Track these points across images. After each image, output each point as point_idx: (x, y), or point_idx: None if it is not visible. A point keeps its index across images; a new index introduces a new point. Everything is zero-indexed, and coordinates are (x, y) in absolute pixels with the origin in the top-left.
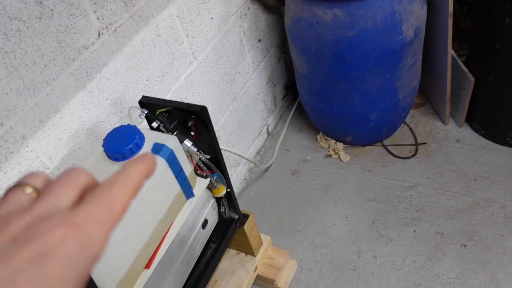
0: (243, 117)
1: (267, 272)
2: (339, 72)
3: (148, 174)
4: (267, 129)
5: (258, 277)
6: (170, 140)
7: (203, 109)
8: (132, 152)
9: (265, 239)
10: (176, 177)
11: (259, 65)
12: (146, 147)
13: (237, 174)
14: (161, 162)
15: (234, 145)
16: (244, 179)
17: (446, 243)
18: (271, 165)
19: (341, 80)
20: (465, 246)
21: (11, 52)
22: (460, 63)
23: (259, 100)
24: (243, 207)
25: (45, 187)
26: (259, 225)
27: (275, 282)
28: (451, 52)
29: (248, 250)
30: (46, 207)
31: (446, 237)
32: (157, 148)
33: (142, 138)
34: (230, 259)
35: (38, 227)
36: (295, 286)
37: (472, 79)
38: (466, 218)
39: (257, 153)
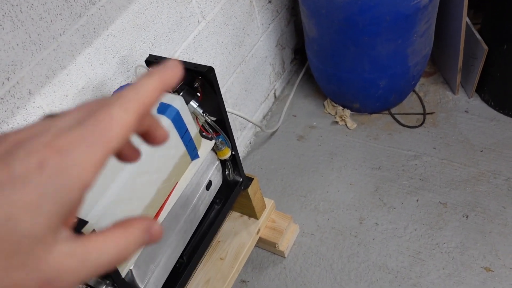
0: (251, 80)
1: (269, 235)
2: (349, 36)
3: (164, 87)
4: (274, 93)
5: (260, 240)
6: (176, 100)
7: (210, 69)
8: None
9: (269, 202)
10: (182, 137)
11: (268, 27)
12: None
13: (242, 138)
14: (166, 122)
15: (241, 108)
16: (250, 143)
17: (448, 213)
18: (277, 129)
19: (351, 44)
20: (467, 216)
21: (17, 5)
22: (475, 31)
23: (267, 64)
24: (248, 170)
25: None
26: (263, 189)
27: (276, 245)
28: (466, 19)
29: (251, 213)
30: (40, 128)
31: (448, 207)
32: (163, 108)
33: None
34: (233, 221)
35: (17, 149)
36: (296, 249)
37: (485, 47)
38: (470, 189)
39: (264, 117)
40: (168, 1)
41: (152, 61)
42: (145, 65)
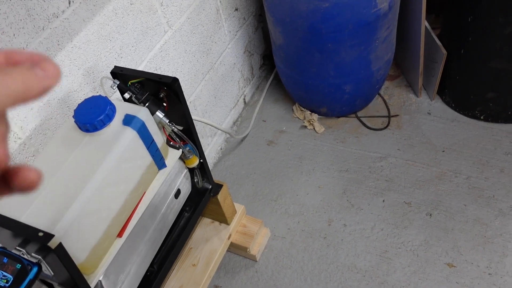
0: (220, 87)
1: (240, 240)
2: (314, 44)
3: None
4: (244, 99)
5: (232, 245)
6: (141, 112)
7: (174, 80)
8: (103, 123)
9: (239, 208)
10: (148, 148)
11: (236, 35)
12: (117, 118)
13: (213, 144)
14: (132, 134)
15: (211, 115)
16: (221, 149)
17: (413, 212)
18: (247, 135)
19: (316, 51)
20: (430, 215)
21: None
22: (434, 36)
23: (236, 70)
24: (219, 176)
25: None
26: (234, 194)
27: (248, 249)
28: (425, 24)
29: (222, 218)
30: None
31: (413, 207)
32: (128, 120)
33: (113, 109)
34: (205, 227)
35: None
36: (267, 253)
37: (444, 52)
38: (433, 188)
39: (234, 123)
40: (133, 11)
41: (118, 72)
42: (111, 77)
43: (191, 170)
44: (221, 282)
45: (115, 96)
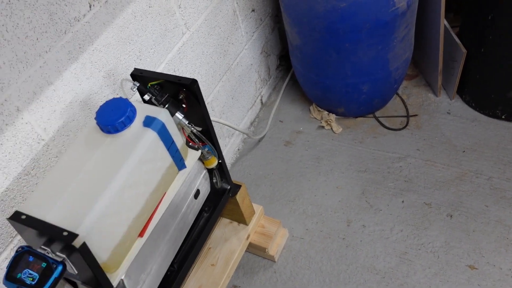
0: (237, 87)
1: (259, 240)
2: (331, 44)
3: None
4: (261, 99)
5: (250, 245)
6: (161, 113)
7: (193, 82)
8: (124, 125)
9: (257, 208)
10: (168, 149)
11: (252, 35)
12: (138, 120)
13: (231, 145)
14: (152, 135)
15: (228, 116)
16: (238, 149)
17: (433, 213)
18: (264, 136)
19: (333, 51)
20: (451, 216)
21: (2, 25)
22: (453, 35)
23: (253, 71)
24: (237, 176)
25: None
26: (252, 194)
27: (266, 250)
28: (444, 23)
29: (241, 219)
30: None
31: (433, 207)
32: (149, 121)
33: (133, 111)
34: (223, 227)
35: None
36: (286, 254)
37: (464, 50)
38: (453, 189)
39: (251, 123)
40: (151, 14)
41: (138, 74)
42: (131, 79)
43: (210, 171)
44: (240, 282)
45: (134, 98)
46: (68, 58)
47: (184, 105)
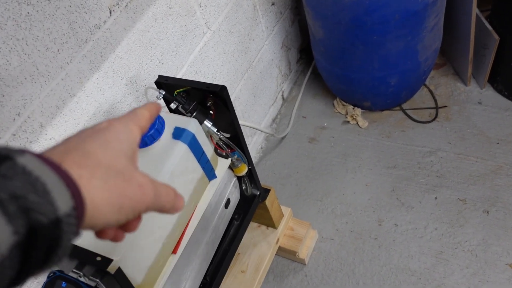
0: (258, 85)
1: (289, 244)
2: (357, 37)
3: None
4: (282, 95)
5: (280, 249)
6: (191, 124)
7: (223, 89)
8: (153, 138)
9: (286, 211)
10: (198, 160)
11: (273, 30)
12: (167, 132)
13: (253, 143)
14: (183, 148)
15: (250, 114)
16: (261, 148)
17: (468, 210)
18: (287, 133)
19: (359, 44)
20: (487, 212)
21: (22, 39)
22: (484, 21)
23: (274, 66)
24: (261, 176)
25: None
26: (278, 195)
27: (297, 253)
28: (475, 9)
29: (269, 223)
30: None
31: (468, 204)
32: (178, 133)
33: (162, 123)
34: (251, 232)
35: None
36: (316, 256)
37: (497, 37)
38: (489, 183)
39: (273, 120)
40: (172, 15)
41: (162, 82)
42: (155, 87)
43: (239, 177)
44: (270, 287)
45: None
46: (90, 68)
47: (211, 111)
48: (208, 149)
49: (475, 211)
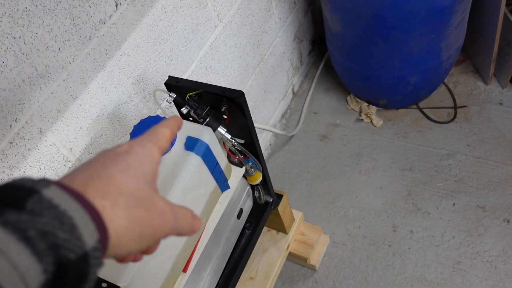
0: (269, 79)
1: (299, 250)
2: (379, 32)
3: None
4: (293, 89)
5: (290, 254)
6: (205, 133)
7: (240, 94)
8: None
9: (297, 215)
10: (212, 172)
11: (286, 21)
12: (179, 142)
13: (262, 140)
14: (196, 160)
15: (260, 110)
16: (270, 144)
17: (488, 218)
18: (298, 130)
19: (380, 40)
20: (508, 221)
21: (19, 37)
22: (511, 17)
23: (286, 59)
24: (270, 175)
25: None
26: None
27: (307, 260)
28: (504, 6)
29: (280, 228)
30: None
31: (487, 211)
32: (191, 144)
33: None
34: (261, 236)
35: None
36: (327, 262)
37: None
38: (510, 190)
39: (283, 116)
40: (183, 8)
41: (173, 84)
42: (165, 88)
43: (252, 185)
44: None
45: (163, 105)
46: (94, 67)
47: (225, 116)
48: (222, 159)
49: (495, 220)
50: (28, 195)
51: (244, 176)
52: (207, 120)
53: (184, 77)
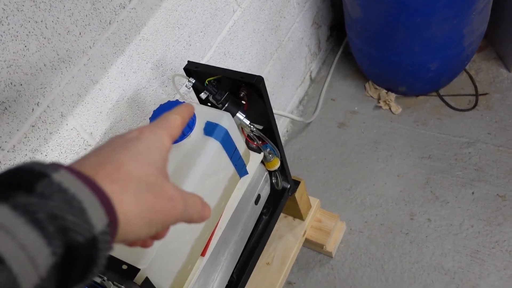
0: (287, 65)
1: (316, 237)
2: (400, 17)
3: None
4: (310, 75)
5: (306, 241)
6: (224, 118)
7: (259, 80)
8: (184, 134)
9: (314, 202)
10: (231, 158)
11: (304, 6)
12: (198, 126)
13: (279, 126)
14: (215, 145)
15: (277, 97)
16: (287, 131)
17: (508, 207)
18: (316, 117)
19: (402, 26)
20: None
21: (41, 21)
22: None
23: (303, 45)
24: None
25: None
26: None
27: (324, 246)
28: None
29: (297, 214)
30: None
31: (508, 200)
32: (210, 129)
33: (193, 117)
34: (278, 223)
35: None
36: (344, 249)
37: None
38: None
39: (300, 102)
40: None
41: (192, 69)
42: (184, 74)
43: (269, 171)
44: (295, 279)
45: (182, 91)
46: (113, 51)
47: (243, 102)
48: (241, 144)
49: None
50: (38, 179)
51: (262, 162)
52: (226, 105)
53: (203, 62)
